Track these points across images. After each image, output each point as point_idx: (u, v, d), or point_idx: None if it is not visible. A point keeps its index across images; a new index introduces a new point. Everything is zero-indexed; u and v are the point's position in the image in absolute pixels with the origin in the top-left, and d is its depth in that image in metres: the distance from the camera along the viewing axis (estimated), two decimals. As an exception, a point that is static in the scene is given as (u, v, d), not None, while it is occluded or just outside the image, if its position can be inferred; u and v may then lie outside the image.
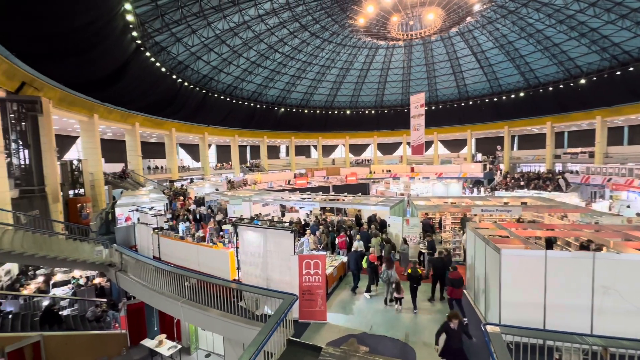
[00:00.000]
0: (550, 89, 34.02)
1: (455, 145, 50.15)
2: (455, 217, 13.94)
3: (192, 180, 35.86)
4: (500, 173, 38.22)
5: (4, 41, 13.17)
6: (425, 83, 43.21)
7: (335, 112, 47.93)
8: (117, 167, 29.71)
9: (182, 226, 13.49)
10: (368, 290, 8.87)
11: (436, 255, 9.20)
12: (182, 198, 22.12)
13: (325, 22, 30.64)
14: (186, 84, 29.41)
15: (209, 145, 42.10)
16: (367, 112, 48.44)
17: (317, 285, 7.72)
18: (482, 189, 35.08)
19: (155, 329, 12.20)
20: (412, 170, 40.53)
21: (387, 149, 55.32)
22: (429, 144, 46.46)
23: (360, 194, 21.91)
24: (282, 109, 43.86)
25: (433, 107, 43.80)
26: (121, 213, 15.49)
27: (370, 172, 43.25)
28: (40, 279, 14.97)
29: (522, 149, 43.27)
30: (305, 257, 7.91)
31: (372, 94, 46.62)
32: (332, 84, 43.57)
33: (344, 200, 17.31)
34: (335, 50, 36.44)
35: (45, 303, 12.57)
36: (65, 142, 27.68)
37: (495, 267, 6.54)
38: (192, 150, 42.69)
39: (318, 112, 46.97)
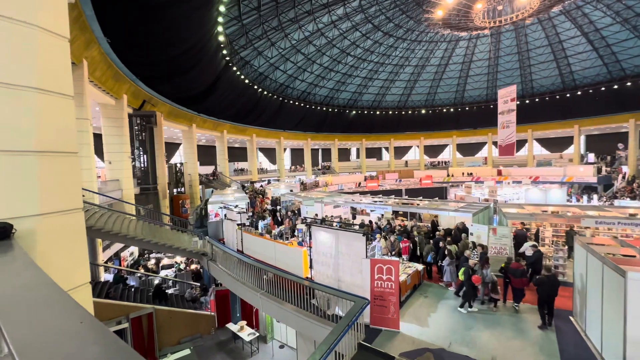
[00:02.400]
0: None
1: (556, 144, 42.65)
2: (557, 229, 11.82)
3: (269, 182, 38.84)
4: (623, 177, 30.87)
5: (132, 68, 16.52)
6: (516, 74, 37.98)
7: (409, 112, 45.90)
8: (208, 170, 34.20)
9: (261, 223, 14.70)
10: (463, 305, 8.05)
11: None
12: (261, 197, 24.19)
13: (399, 19, 29.70)
14: (265, 92, 32.09)
15: (284, 149, 44.96)
16: (444, 110, 45.05)
17: (390, 291, 7.47)
18: (595, 196, 28.92)
19: (238, 315, 13.56)
20: (500, 173, 35.93)
21: (468, 149, 50.39)
22: (520, 143, 40.56)
23: (437, 198, 20.43)
24: (353, 112, 44.08)
25: (527, 101, 38.16)
26: (212, 209, 17.70)
27: (448, 175, 39.95)
28: (153, 261, 18.21)
29: (658, 147, 34.08)
30: (378, 262, 7.74)
31: (451, 90, 43.14)
32: (406, 82, 41.88)
33: (418, 204, 16.39)
34: (409, 47, 34.97)
35: (156, 282, 15.22)
36: (171, 148, 33.20)
37: (616, 293, 5.31)
38: (270, 153, 46.28)
39: (390, 113, 45.71)
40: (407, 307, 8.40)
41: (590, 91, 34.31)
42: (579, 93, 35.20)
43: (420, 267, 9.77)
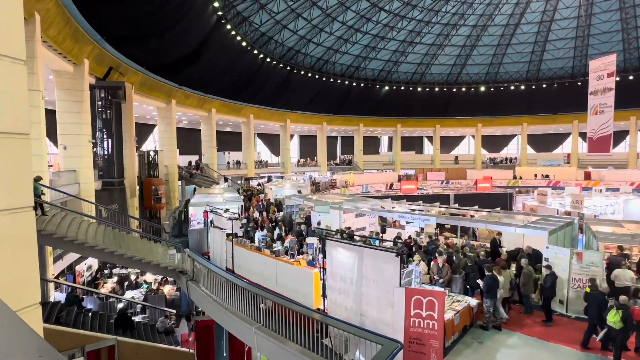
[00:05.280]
0: None
1: (671, 139, 41.10)
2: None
3: (269, 179, 39.12)
4: None
5: (96, 25, 17.01)
6: (617, 39, 36.78)
7: (462, 89, 45.37)
8: (190, 160, 34.86)
9: (258, 235, 14.84)
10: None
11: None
12: (260, 197, 24.47)
13: (453, -39, 29.30)
14: (268, 59, 32.35)
15: (292, 136, 45.21)
16: (511, 87, 44.26)
17: (430, 333, 7.41)
18: None
19: (225, 354, 13.77)
20: (588, 176, 34.91)
21: (543, 142, 49.33)
22: (619, 135, 39.21)
23: (498, 208, 20.07)
24: (386, 87, 43.86)
25: (631, 77, 36.98)
26: (194, 213, 18.02)
27: (515, 178, 39.14)
28: (116, 278, 18.75)
29: None
30: (415, 292, 7.69)
31: (523, 60, 42.31)
32: (460, 49, 41.35)
33: (472, 216, 16.10)
34: (466, 1, 34.40)
35: (120, 305, 15.65)
36: (143, 131, 34.01)
37: None
38: (272, 141, 46.66)
39: (436, 89, 45.28)
40: (453, 355, 8.32)
41: None
42: None
43: (473, 302, 9.63)
